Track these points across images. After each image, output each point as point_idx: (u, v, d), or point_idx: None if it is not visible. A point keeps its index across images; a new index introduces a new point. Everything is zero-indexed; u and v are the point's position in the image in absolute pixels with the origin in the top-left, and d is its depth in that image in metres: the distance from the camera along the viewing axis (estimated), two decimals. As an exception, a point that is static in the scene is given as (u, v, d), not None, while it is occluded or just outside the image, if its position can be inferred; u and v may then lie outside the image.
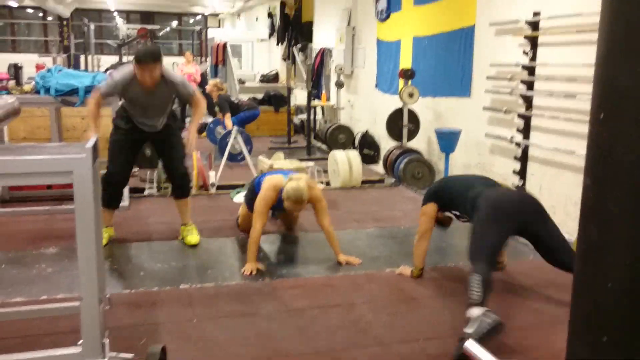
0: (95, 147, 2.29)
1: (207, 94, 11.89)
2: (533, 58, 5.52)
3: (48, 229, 4.72)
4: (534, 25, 5.48)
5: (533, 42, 5.51)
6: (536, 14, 5.44)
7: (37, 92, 4.96)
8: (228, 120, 8.40)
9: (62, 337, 2.89)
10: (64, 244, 4.28)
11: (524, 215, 3.37)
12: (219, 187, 6.25)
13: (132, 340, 2.93)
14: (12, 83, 5.49)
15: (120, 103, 4.45)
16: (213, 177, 6.28)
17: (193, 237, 4.41)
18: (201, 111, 4.38)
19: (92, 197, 2.17)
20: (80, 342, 2.25)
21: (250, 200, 4.30)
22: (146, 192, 5.97)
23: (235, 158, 7.42)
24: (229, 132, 7.30)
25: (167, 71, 4.20)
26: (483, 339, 2.67)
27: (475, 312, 2.88)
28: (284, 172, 4.37)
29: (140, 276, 3.80)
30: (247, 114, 8.75)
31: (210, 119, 10.65)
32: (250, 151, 7.35)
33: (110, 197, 4.28)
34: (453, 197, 3.68)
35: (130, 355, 2.58)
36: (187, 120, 11.75)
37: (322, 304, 3.43)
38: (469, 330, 2.80)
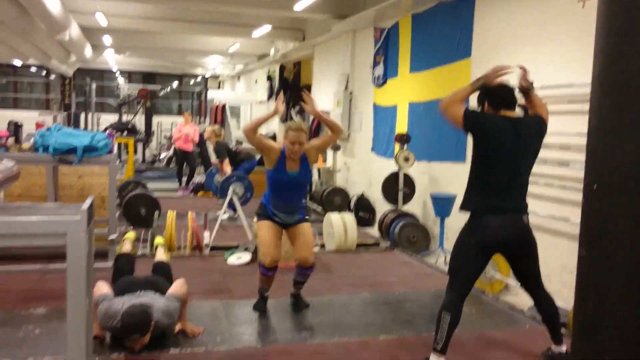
0: (90, 209, 2.29)
1: (201, 144, 11.98)
2: (526, 126, 5.61)
3: (38, 289, 4.64)
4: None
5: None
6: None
7: (36, 149, 5.00)
8: (227, 166, 8.40)
9: (46, 403, 2.80)
10: (54, 305, 4.20)
11: (507, 250, 3.47)
12: (213, 248, 6.21)
13: (117, 407, 2.84)
14: (11, 140, 5.53)
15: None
16: (207, 237, 6.24)
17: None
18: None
19: (85, 260, 2.15)
20: (65, 409, 2.18)
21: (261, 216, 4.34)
22: (139, 252, 5.92)
23: (241, 202, 7.27)
24: (229, 178, 7.27)
25: (159, 320, 3.55)
26: None
27: None
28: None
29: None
30: (245, 166, 8.75)
31: (204, 178, 10.69)
32: (251, 197, 7.26)
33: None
34: (488, 174, 3.39)
35: None
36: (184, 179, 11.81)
37: (314, 372, 3.35)
38: None
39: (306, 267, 4.24)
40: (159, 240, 5.25)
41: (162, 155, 16.54)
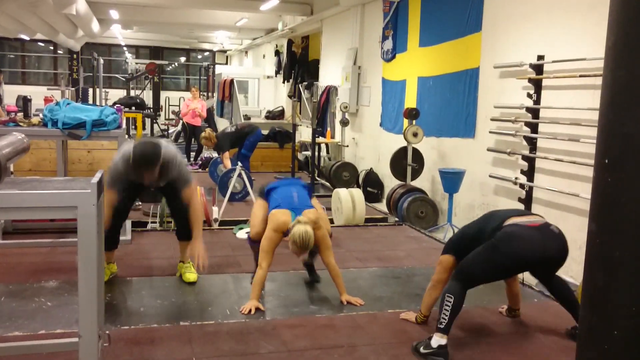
0: (100, 182, 2.30)
1: (209, 120, 11.91)
2: (537, 101, 5.56)
3: (49, 262, 4.70)
4: (538, 69, 5.54)
5: (537, 85, 5.57)
6: (540, 57, 5.51)
7: (45, 124, 5.01)
8: (227, 160, 8.42)
9: (59, 373, 2.85)
10: (65, 278, 4.25)
11: (540, 266, 3.40)
12: (222, 223, 6.24)
13: (129, 378, 2.89)
14: (20, 115, 5.54)
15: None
16: (216, 212, 6.27)
17: (191, 274, 4.37)
18: (198, 215, 4.16)
19: (96, 233, 2.17)
20: (78, 379, 2.22)
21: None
22: (149, 227, 5.96)
23: (234, 197, 7.40)
24: (230, 171, 7.32)
25: (165, 164, 3.90)
26: None
27: (435, 341, 3.20)
28: (292, 202, 4.11)
29: (140, 312, 3.76)
30: (251, 140, 8.74)
31: (214, 154, 10.71)
32: (247, 195, 7.37)
33: (106, 240, 4.27)
34: (470, 242, 3.52)
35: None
36: (192, 154, 11.83)
37: (323, 345, 3.38)
38: (421, 349, 3.22)
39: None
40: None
41: (171, 131, 16.55)
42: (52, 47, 23.27)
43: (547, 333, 3.66)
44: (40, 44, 23.02)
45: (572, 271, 4.94)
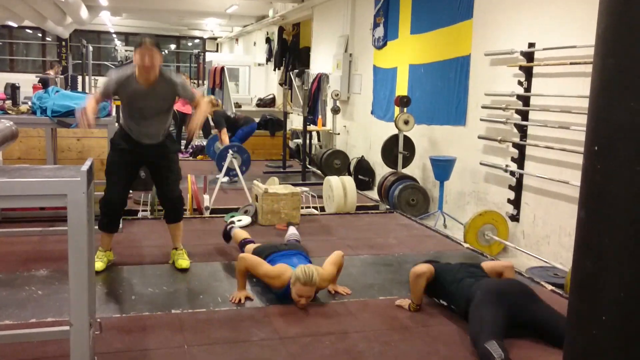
0: (90, 170, 2.29)
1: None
2: (528, 88, 5.58)
3: (40, 251, 4.68)
4: (529, 56, 5.55)
5: (528, 73, 5.58)
6: (531, 45, 5.52)
7: (34, 112, 4.96)
8: (225, 135, 8.39)
9: (51, 361, 2.84)
10: (55, 266, 4.24)
11: (514, 297, 3.37)
12: (213, 211, 6.23)
13: (121, 366, 2.89)
14: (8, 103, 5.48)
15: (119, 123, 4.43)
16: (207, 200, 6.26)
17: (184, 261, 4.38)
18: (204, 109, 4.24)
19: (86, 221, 2.16)
20: (69, 367, 2.22)
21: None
22: (140, 215, 5.94)
23: (230, 173, 7.35)
24: (227, 147, 7.28)
25: (167, 71, 4.17)
26: None
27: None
28: (291, 262, 3.96)
29: (131, 300, 3.76)
30: (245, 130, 8.75)
31: (204, 141, 10.67)
32: (247, 170, 7.32)
33: (109, 222, 4.28)
34: (444, 287, 3.63)
35: (119, 382, 2.54)
36: (183, 142, 11.78)
37: (314, 332, 3.40)
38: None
39: None
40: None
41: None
42: (40, 34, 23.02)
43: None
44: (28, 31, 22.76)
45: (561, 258, 4.99)
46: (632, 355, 1.68)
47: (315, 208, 6.63)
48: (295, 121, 12.56)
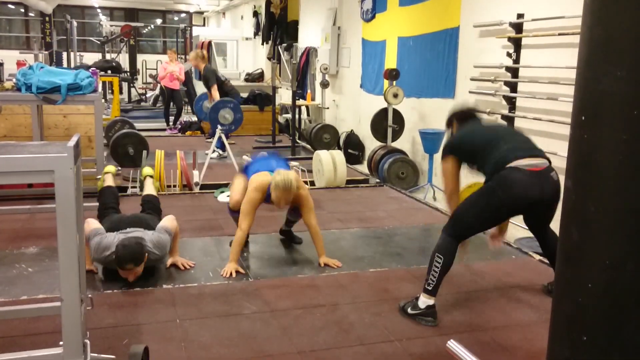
0: (77, 146, 2.27)
1: (188, 83, 11.77)
2: (516, 60, 5.57)
3: (29, 228, 4.66)
4: (518, 27, 5.53)
5: (517, 44, 5.56)
6: (520, 16, 5.49)
7: (18, 89, 4.89)
8: (215, 92, 8.29)
9: (43, 337, 2.86)
10: (45, 244, 4.23)
11: (533, 209, 3.25)
12: (203, 187, 6.22)
13: (113, 341, 2.91)
14: (-8, 80, 5.40)
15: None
16: (197, 176, 6.24)
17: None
18: (176, 235, 3.95)
19: (74, 197, 2.15)
20: (61, 343, 2.23)
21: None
22: (129, 192, 5.92)
23: (226, 129, 7.26)
24: (218, 104, 7.19)
25: (150, 252, 3.66)
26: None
27: (423, 302, 3.23)
28: (270, 167, 4.15)
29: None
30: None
31: (193, 117, 10.58)
32: (235, 128, 7.27)
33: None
34: (475, 152, 3.36)
35: (112, 357, 2.56)
36: (172, 119, 11.69)
37: (305, 305, 3.43)
38: (409, 310, 3.27)
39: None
40: (147, 170, 5.24)
41: (149, 95, 16.31)
42: (23, 10, 22.59)
43: (525, 289, 3.74)
44: (10, 6, 22.32)
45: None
46: (618, 323, 1.71)
47: (305, 182, 6.63)
48: (284, 96, 12.48)
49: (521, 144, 3.30)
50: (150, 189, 4.80)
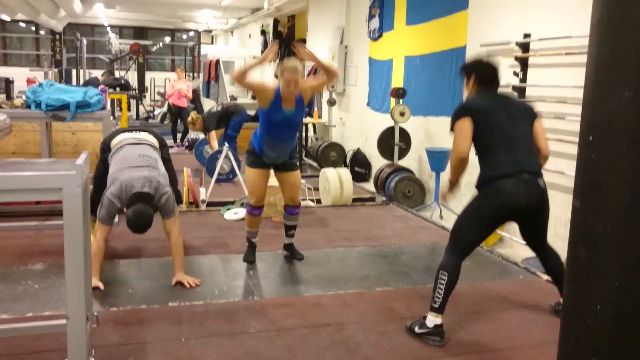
0: (85, 164, 2.28)
1: (195, 100, 11.84)
2: (523, 79, 5.58)
3: (35, 245, 4.67)
4: (525, 47, 5.54)
5: (523, 64, 5.57)
6: (526, 35, 5.51)
7: (28, 106, 4.94)
8: (213, 140, 8.37)
9: (48, 355, 2.85)
10: (51, 260, 4.24)
11: (524, 215, 3.29)
12: (209, 204, 6.23)
13: (118, 359, 2.90)
14: (2, 97, 5.45)
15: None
16: (203, 193, 6.25)
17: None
18: (179, 246, 3.99)
19: (82, 215, 2.15)
20: (66, 360, 2.22)
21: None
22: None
23: (224, 178, 7.40)
24: (217, 152, 7.29)
25: (160, 197, 3.89)
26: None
27: (430, 321, 3.19)
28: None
29: (128, 294, 3.76)
30: (236, 120, 8.64)
31: (200, 135, 10.62)
32: (233, 178, 7.37)
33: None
34: (482, 136, 3.28)
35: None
36: (179, 135, 11.74)
37: (311, 324, 3.41)
38: (416, 329, 3.24)
39: (294, 205, 4.39)
40: None
41: (156, 112, 16.41)
42: (33, 28, 22.87)
43: (533, 309, 3.71)
44: (21, 24, 22.61)
45: (557, 248, 4.99)
46: (627, 345, 1.69)
47: (312, 200, 6.63)
48: (291, 113, 12.52)
49: (520, 158, 3.26)
50: None
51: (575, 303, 1.79)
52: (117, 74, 17.17)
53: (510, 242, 5.74)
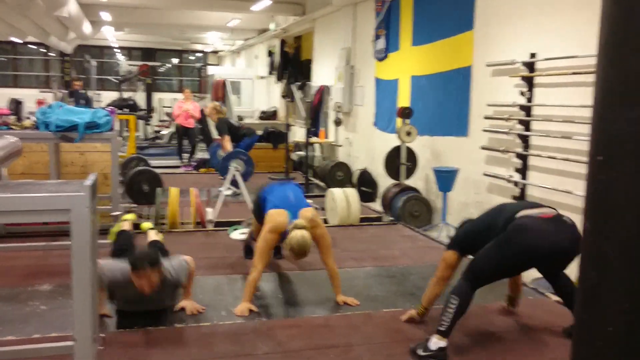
0: (94, 185, 2.29)
1: (202, 121, 11.97)
2: (530, 99, 5.58)
3: (43, 265, 4.67)
4: (530, 67, 5.56)
5: (530, 83, 5.58)
6: (532, 55, 5.53)
7: (37, 127, 4.98)
8: (227, 142, 8.38)
9: (54, 377, 2.83)
10: (59, 281, 4.23)
11: (552, 258, 3.25)
12: (217, 224, 6.22)
13: (125, 381, 2.88)
14: (12, 118, 5.50)
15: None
16: (211, 213, 6.26)
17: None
18: (191, 279, 3.87)
19: (90, 236, 2.16)
20: (73, 383, 2.21)
21: (258, 215, 4.34)
22: (143, 228, 5.94)
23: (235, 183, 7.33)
24: (230, 155, 7.27)
25: (166, 270, 3.63)
26: None
27: (434, 343, 3.15)
28: (288, 201, 4.11)
29: (135, 315, 3.74)
30: (247, 141, 8.71)
31: (207, 155, 10.68)
32: (251, 173, 7.30)
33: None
34: (476, 237, 3.41)
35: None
36: (185, 155, 11.78)
37: (318, 345, 3.38)
38: (419, 352, 3.19)
39: None
40: (146, 225, 5.24)
41: (164, 132, 16.50)
42: (43, 50, 23.15)
43: (542, 331, 3.67)
44: (31, 46, 22.88)
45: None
46: (639, 367, 1.67)
47: (319, 220, 6.61)
48: (298, 133, 12.57)
49: (523, 204, 3.47)
50: (154, 236, 4.72)
51: (586, 325, 1.77)
52: (125, 94, 17.33)
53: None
